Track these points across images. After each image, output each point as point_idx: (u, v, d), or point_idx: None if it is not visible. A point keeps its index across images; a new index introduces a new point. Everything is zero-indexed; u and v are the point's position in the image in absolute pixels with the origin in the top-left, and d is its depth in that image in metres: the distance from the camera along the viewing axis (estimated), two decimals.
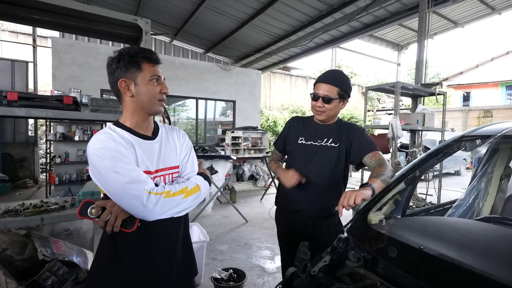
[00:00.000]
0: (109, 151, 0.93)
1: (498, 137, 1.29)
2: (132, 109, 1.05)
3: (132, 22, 1.84)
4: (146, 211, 0.92)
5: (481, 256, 0.90)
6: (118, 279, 1.02)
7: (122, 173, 0.92)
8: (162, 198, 0.95)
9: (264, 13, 5.63)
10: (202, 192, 1.08)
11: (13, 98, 1.53)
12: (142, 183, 0.93)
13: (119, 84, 1.01)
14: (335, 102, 1.50)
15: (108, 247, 1.04)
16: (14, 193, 6.12)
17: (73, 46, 6.12)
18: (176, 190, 1.01)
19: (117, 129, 1.03)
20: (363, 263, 1.08)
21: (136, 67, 1.01)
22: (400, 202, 1.38)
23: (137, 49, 1.04)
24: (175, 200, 0.98)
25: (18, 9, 1.79)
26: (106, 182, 0.93)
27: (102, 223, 0.96)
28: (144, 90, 1.02)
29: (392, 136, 4.04)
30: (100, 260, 1.08)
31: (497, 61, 17.35)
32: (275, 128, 12.35)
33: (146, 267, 1.05)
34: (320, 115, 1.54)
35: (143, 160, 1.02)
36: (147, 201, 0.92)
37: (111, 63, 1.03)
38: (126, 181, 0.91)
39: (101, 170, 0.93)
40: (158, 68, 1.06)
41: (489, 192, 1.76)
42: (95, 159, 0.93)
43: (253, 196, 6.43)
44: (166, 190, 0.98)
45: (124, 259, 1.03)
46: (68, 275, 1.68)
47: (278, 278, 2.83)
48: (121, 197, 0.93)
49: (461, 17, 6.67)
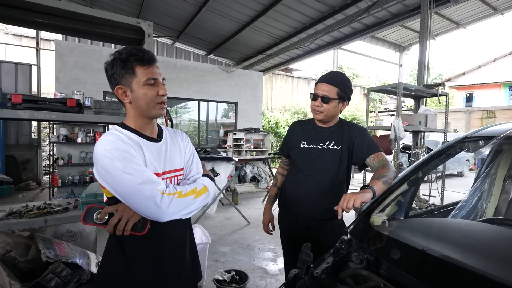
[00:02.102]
0: (120, 152, 0.92)
1: (501, 138, 1.29)
2: (133, 114, 1.04)
3: (135, 25, 1.86)
4: (159, 212, 0.92)
5: (485, 258, 0.89)
6: (127, 283, 1.02)
7: (135, 174, 0.91)
8: (175, 198, 0.95)
9: (266, 15, 5.64)
10: (210, 192, 1.09)
11: (17, 101, 1.54)
12: (155, 184, 0.93)
13: (115, 91, 1.01)
14: (334, 103, 1.49)
15: (116, 250, 1.03)
16: (18, 195, 6.16)
17: (76, 49, 6.16)
18: (187, 190, 1.01)
19: (123, 131, 1.02)
20: (366, 264, 1.08)
21: (129, 72, 0.98)
22: (403, 204, 1.37)
23: (129, 51, 0.99)
24: (186, 200, 0.99)
25: (22, 12, 1.80)
26: (117, 183, 0.91)
27: (110, 228, 0.93)
28: (140, 95, 0.99)
29: (394, 137, 4.03)
30: (108, 263, 1.07)
31: (500, 62, 17.27)
32: (276, 129, 12.35)
33: (155, 271, 1.04)
34: (318, 115, 1.54)
35: (151, 161, 1.02)
36: (160, 201, 0.91)
37: (107, 68, 1.01)
38: (138, 182, 0.90)
39: (112, 171, 0.91)
40: (154, 69, 1.01)
41: (493, 193, 1.75)
42: (105, 160, 0.91)
43: (255, 198, 6.42)
44: (178, 190, 0.98)
45: (133, 263, 1.02)
46: (71, 277, 1.69)
47: (280, 280, 2.82)
48: (134, 198, 0.91)
49: (463, 17, 6.65)
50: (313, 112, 1.56)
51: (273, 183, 1.82)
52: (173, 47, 8.37)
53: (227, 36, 7.02)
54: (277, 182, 1.78)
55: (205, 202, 1.08)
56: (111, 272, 1.04)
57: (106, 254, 1.08)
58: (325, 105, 1.49)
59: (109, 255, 1.06)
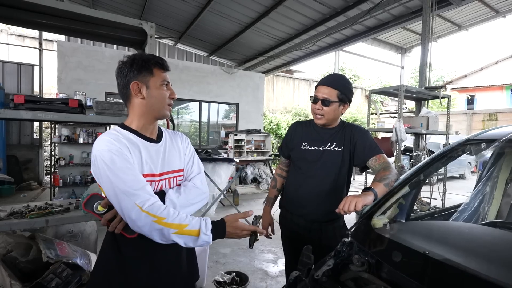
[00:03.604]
0: (111, 154, 0.94)
1: (503, 141, 1.28)
2: (140, 111, 1.06)
3: (137, 26, 1.86)
4: (133, 225, 0.92)
5: (486, 261, 0.89)
6: (122, 282, 1.02)
7: (118, 181, 0.92)
8: (152, 222, 0.90)
9: (268, 16, 5.65)
10: (199, 240, 0.94)
11: (19, 101, 1.55)
12: (135, 197, 0.91)
13: (131, 86, 1.03)
14: (334, 105, 1.48)
15: (112, 249, 1.05)
16: (19, 195, 6.18)
17: (78, 49, 6.19)
18: (173, 221, 0.92)
19: (122, 131, 1.04)
20: (367, 267, 1.07)
21: (149, 71, 1.04)
22: (404, 206, 1.37)
23: (149, 55, 1.08)
24: (164, 230, 0.91)
25: (25, 13, 1.81)
26: (104, 185, 0.95)
27: (105, 221, 0.98)
28: (155, 93, 1.05)
29: (396, 139, 4.02)
30: (104, 261, 1.08)
31: (502, 64, 17.24)
32: (278, 131, 12.34)
33: (150, 271, 1.04)
34: (319, 119, 1.53)
35: (147, 162, 1.03)
36: (136, 216, 0.90)
37: (123, 66, 1.05)
38: (121, 190, 0.91)
39: (102, 172, 0.94)
40: (168, 75, 1.10)
41: (495, 196, 1.74)
42: (98, 161, 0.95)
43: (256, 199, 6.41)
44: (162, 214, 0.91)
45: (128, 262, 1.03)
46: (72, 277, 1.69)
47: (281, 281, 2.81)
48: (115, 204, 0.94)
49: (465, 20, 6.64)
50: (314, 116, 1.55)
51: (271, 185, 1.80)
52: (175, 48, 8.40)
53: (229, 38, 7.03)
54: (276, 183, 1.77)
55: (190, 244, 0.95)
56: (107, 270, 1.05)
57: (102, 252, 1.09)
58: (326, 108, 1.48)
59: (105, 253, 1.08)
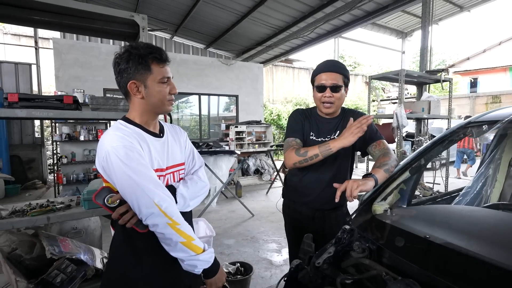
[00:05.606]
0: (126, 150, 0.92)
1: (505, 122, 1.26)
2: (141, 109, 1.04)
3: (128, 18, 1.83)
4: (147, 221, 0.94)
5: (489, 244, 0.88)
6: (139, 272, 1.03)
7: (136, 178, 0.92)
8: (166, 224, 0.93)
9: (264, 5, 5.54)
10: (200, 258, 0.98)
11: (13, 100, 1.54)
12: (153, 194, 0.93)
13: (128, 86, 0.99)
14: (342, 91, 1.47)
15: (125, 242, 1.04)
16: (24, 194, 6.24)
17: (74, 46, 6.13)
18: (185, 230, 0.96)
19: (129, 126, 1.02)
20: (368, 253, 1.06)
21: (146, 68, 0.98)
22: (405, 192, 1.35)
23: (147, 48, 0.99)
24: (173, 235, 0.94)
25: (17, 10, 1.79)
26: (120, 182, 0.93)
27: (117, 214, 0.97)
28: (154, 92, 1.00)
29: (397, 125, 3.99)
30: (117, 255, 1.07)
31: (505, 45, 16.91)
32: (279, 121, 12.29)
33: (162, 261, 1.05)
34: (329, 108, 1.47)
35: (156, 157, 1.02)
36: (153, 214, 0.92)
37: (119, 61, 0.98)
38: (139, 186, 0.91)
39: (117, 170, 0.92)
40: (167, 68, 1.04)
41: (497, 178, 1.72)
42: (111, 157, 0.92)
43: (259, 190, 6.44)
44: (178, 220, 0.95)
45: (143, 253, 1.04)
46: (76, 273, 1.70)
47: (285, 270, 2.83)
48: (131, 201, 0.94)
49: (467, 0, 6.48)
50: (323, 106, 1.48)
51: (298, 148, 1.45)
52: (171, 41, 8.30)
53: (226, 28, 6.93)
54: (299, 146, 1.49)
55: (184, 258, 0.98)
56: (122, 262, 1.05)
57: (114, 247, 1.09)
58: (336, 94, 1.45)
59: (117, 248, 1.07)
